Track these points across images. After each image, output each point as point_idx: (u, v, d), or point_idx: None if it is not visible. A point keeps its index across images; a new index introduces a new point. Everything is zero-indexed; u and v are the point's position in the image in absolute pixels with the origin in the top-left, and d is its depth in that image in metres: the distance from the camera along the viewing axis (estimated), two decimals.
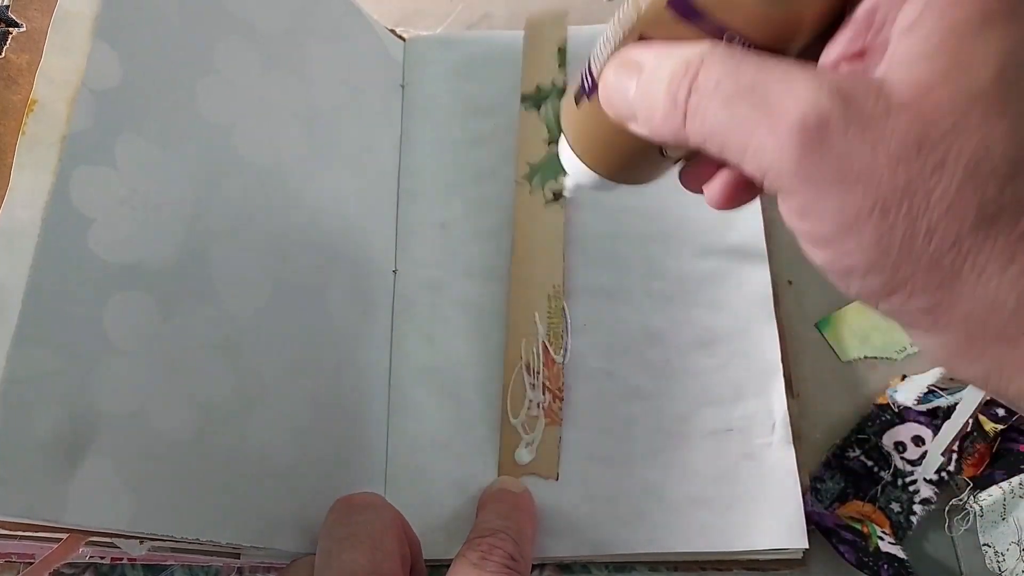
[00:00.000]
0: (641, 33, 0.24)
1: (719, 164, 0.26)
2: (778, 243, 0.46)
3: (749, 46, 0.22)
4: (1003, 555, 0.38)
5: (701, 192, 0.28)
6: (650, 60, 0.24)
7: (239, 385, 0.33)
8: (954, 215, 0.20)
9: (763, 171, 0.22)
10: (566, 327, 0.43)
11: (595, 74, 0.26)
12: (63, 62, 0.29)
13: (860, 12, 0.21)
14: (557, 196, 0.45)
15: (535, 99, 0.46)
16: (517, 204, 0.45)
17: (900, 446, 0.41)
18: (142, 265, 0.30)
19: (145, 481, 0.28)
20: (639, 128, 0.25)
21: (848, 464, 0.41)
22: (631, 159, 0.28)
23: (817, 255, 0.23)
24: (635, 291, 0.43)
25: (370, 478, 0.39)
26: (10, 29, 0.29)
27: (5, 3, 0.30)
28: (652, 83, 0.23)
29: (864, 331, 0.45)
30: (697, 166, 0.28)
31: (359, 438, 0.39)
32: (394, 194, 0.45)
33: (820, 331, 0.45)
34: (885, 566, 0.38)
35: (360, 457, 0.39)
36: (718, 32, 0.22)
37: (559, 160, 0.37)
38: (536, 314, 0.43)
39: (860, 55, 0.22)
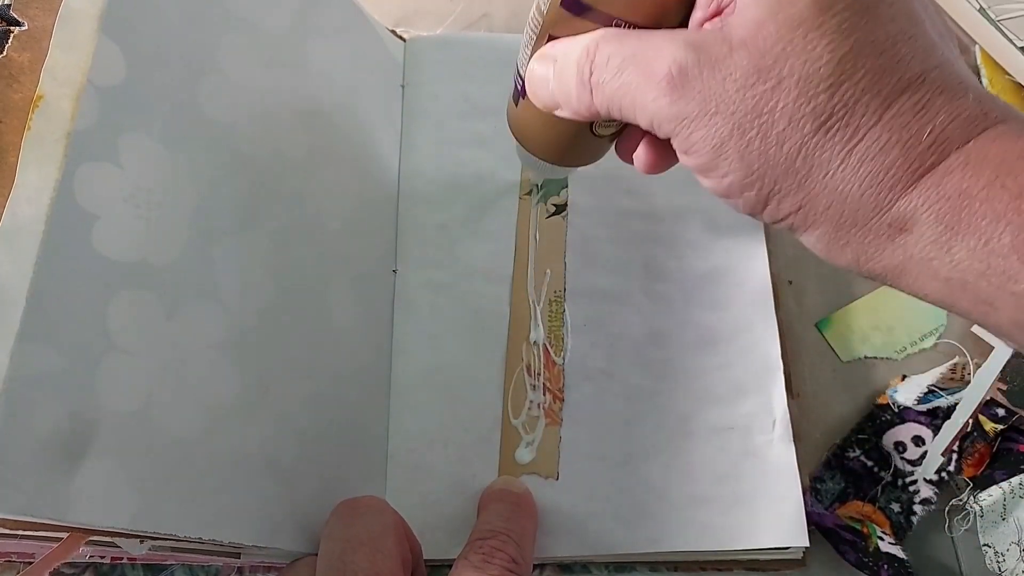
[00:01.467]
0: (549, 34, 0.29)
1: (641, 134, 0.31)
2: (778, 243, 0.46)
3: (633, 27, 0.27)
4: (1003, 555, 0.38)
5: (632, 163, 0.33)
6: (560, 52, 0.29)
7: (241, 384, 0.33)
8: (795, 124, 0.24)
9: (652, 122, 0.27)
10: (566, 328, 0.43)
11: (523, 76, 0.32)
12: (68, 59, 0.29)
13: None
14: (559, 209, 0.45)
15: None
16: (520, 213, 0.45)
17: (900, 446, 0.41)
18: (145, 263, 0.30)
19: (147, 480, 0.28)
20: (564, 112, 0.30)
21: (848, 464, 0.41)
22: (569, 142, 0.33)
23: (707, 184, 0.27)
24: (635, 292, 0.44)
25: (370, 478, 0.39)
26: (12, 27, 0.29)
27: (7, 2, 0.30)
28: (564, 70, 0.29)
29: (864, 331, 0.45)
30: (624, 140, 0.33)
31: (360, 438, 0.39)
32: (394, 194, 0.45)
33: (820, 331, 0.45)
34: (885, 566, 0.38)
35: (361, 457, 0.39)
36: (608, 21, 0.27)
37: (561, 178, 0.40)
38: (537, 315, 0.43)
39: (718, 13, 0.26)
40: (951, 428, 0.40)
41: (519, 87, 0.33)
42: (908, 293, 0.26)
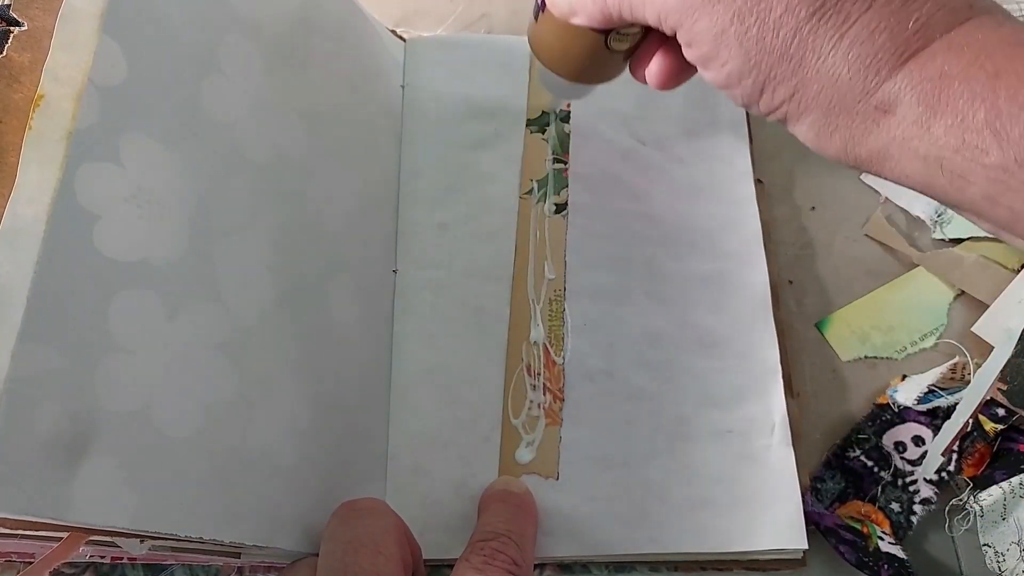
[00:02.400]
0: None
1: (656, 48, 0.33)
2: (778, 243, 0.46)
3: None
4: (1003, 555, 0.38)
5: (646, 81, 0.34)
6: None
7: (242, 384, 0.33)
8: (791, 10, 0.26)
9: (659, 15, 0.28)
10: (566, 328, 0.43)
11: None
12: (69, 58, 0.29)
13: None
14: (560, 209, 0.45)
15: (540, 123, 0.47)
16: (520, 212, 0.45)
17: (900, 446, 0.41)
18: (147, 263, 0.30)
19: (148, 479, 0.28)
20: (580, 18, 0.32)
21: (848, 464, 0.41)
22: (585, 56, 0.34)
23: (709, 76, 0.29)
24: (635, 292, 0.44)
25: (371, 478, 0.39)
26: (12, 28, 0.29)
27: (7, 2, 0.30)
28: None
29: (864, 331, 0.45)
30: (638, 58, 0.34)
31: (360, 438, 0.39)
32: (394, 194, 0.45)
33: (820, 331, 0.45)
34: (885, 566, 0.38)
35: (361, 457, 0.39)
36: None
37: (561, 176, 0.41)
38: (537, 315, 0.43)
39: None
40: (951, 428, 0.40)
41: (539, 2, 0.34)
42: (890, 179, 0.27)
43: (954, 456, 0.40)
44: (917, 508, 0.40)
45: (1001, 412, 0.40)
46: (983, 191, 0.25)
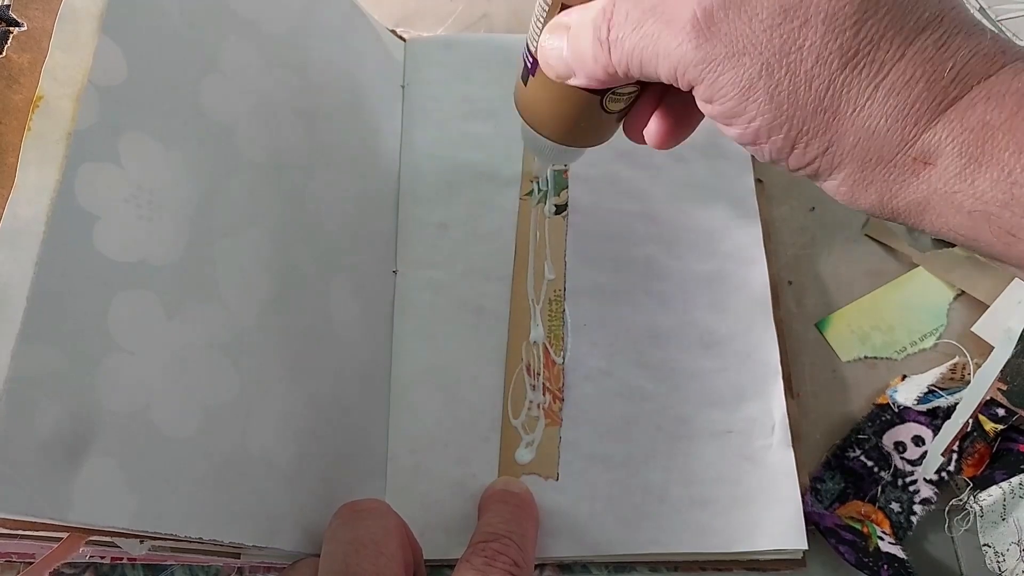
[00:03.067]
0: (562, 3, 0.30)
1: (653, 107, 0.32)
2: (778, 243, 0.46)
3: None
4: (1003, 555, 0.38)
5: (644, 142, 0.33)
6: (574, 19, 0.29)
7: (242, 384, 0.33)
8: (824, 62, 0.25)
9: (676, 69, 0.27)
10: (566, 328, 0.43)
11: (533, 52, 0.32)
12: (69, 59, 0.29)
13: None
14: (560, 209, 0.45)
15: None
16: (520, 213, 0.45)
17: (900, 446, 0.41)
18: (146, 263, 0.30)
19: (147, 480, 0.28)
20: (578, 79, 0.30)
21: (848, 464, 0.41)
22: (579, 118, 0.33)
23: (733, 133, 0.27)
24: (635, 292, 0.44)
25: (370, 478, 0.39)
26: (11, 28, 0.29)
27: (6, 2, 0.30)
28: (579, 33, 0.29)
29: (864, 331, 0.45)
30: (634, 116, 0.33)
31: (360, 438, 0.39)
32: (394, 194, 0.45)
33: (820, 331, 0.45)
34: (885, 566, 0.38)
35: (361, 457, 0.39)
36: None
37: (561, 177, 0.40)
38: (537, 315, 0.43)
39: None
40: (951, 428, 0.40)
41: (529, 64, 0.33)
42: (930, 232, 0.26)
43: (954, 456, 0.40)
44: (917, 508, 0.40)
45: (1001, 412, 0.40)
46: None
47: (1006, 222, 0.24)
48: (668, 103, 0.32)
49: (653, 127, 0.32)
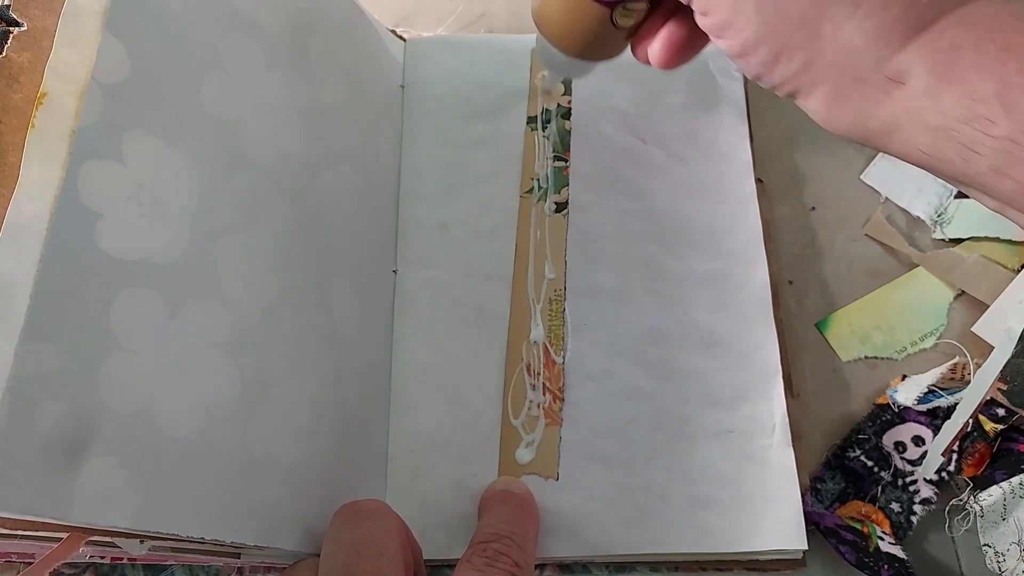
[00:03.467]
0: None
1: (659, 24, 0.34)
2: (778, 243, 0.46)
3: None
4: (1003, 555, 0.38)
5: (648, 62, 0.35)
6: None
7: (243, 384, 0.33)
8: None
9: None
10: (566, 327, 0.43)
11: None
12: (72, 56, 0.29)
13: None
14: (560, 208, 0.45)
15: (541, 121, 0.47)
16: (520, 211, 0.45)
17: (900, 446, 0.42)
18: (148, 262, 0.30)
19: (149, 479, 0.28)
20: None
21: (848, 464, 0.41)
22: (590, 31, 0.35)
23: (724, 44, 0.29)
24: (636, 292, 0.44)
25: (371, 478, 0.39)
26: (11, 28, 0.29)
27: (6, 2, 0.29)
28: None
29: (864, 331, 0.45)
30: (641, 36, 0.35)
31: (360, 438, 0.39)
32: (394, 194, 0.45)
33: (820, 331, 0.45)
34: (885, 566, 0.38)
35: (361, 457, 0.39)
36: None
37: (562, 175, 0.40)
38: (537, 315, 0.43)
39: None
40: (951, 428, 0.40)
41: None
42: (898, 154, 0.28)
43: (954, 456, 0.40)
44: (917, 508, 0.40)
45: (1001, 412, 0.40)
46: (990, 163, 0.25)
47: (966, 137, 0.25)
48: (676, 21, 0.34)
49: (657, 44, 0.34)
